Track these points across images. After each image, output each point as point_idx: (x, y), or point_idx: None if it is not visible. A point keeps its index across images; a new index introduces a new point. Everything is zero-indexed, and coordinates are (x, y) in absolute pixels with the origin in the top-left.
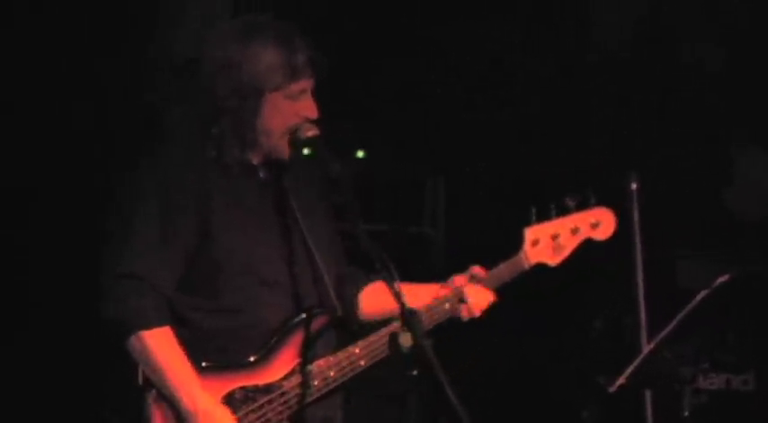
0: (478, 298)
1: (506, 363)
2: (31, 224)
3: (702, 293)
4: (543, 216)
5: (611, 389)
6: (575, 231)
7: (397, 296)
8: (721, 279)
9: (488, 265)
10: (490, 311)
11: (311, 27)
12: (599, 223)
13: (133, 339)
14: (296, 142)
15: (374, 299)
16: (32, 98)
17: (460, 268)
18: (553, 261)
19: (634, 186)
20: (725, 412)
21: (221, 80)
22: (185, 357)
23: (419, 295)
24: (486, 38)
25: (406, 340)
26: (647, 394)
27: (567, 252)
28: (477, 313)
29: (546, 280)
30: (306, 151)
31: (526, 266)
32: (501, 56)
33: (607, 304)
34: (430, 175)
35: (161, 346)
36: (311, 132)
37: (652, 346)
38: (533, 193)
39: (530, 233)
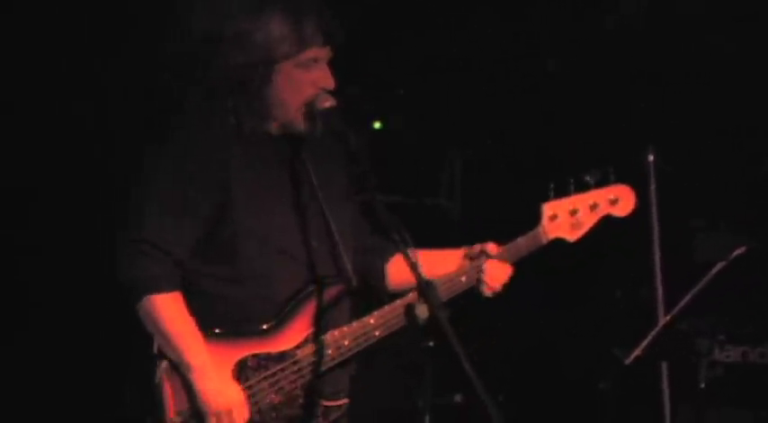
0: (497, 271)
1: (523, 336)
2: (31, 224)
3: (718, 266)
4: (562, 192)
5: (628, 361)
6: (593, 207)
7: (413, 267)
8: (737, 251)
9: (504, 237)
10: (508, 285)
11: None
12: (618, 200)
13: (143, 303)
14: (312, 113)
15: (401, 269)
16: (32, 98)
17: (476, 240)
18: (571, 236)
19: (651, 158)
20: (741, 384)
21: (233, 52)
22: (193, 323)
23: (445, 261)
24: (507, 12)
25: (422, 311)
26: (664, 366)
27: (585, 228)
28: (497, 286)
29: (564, 254)
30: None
31: (544, 241)
32: (519, 29)
33: (627, 275)
34: (447, 147)
35: (169, 311)
36: (328, 103)
37: (668, 318)
38: (549, 164)
39: (548, 208)
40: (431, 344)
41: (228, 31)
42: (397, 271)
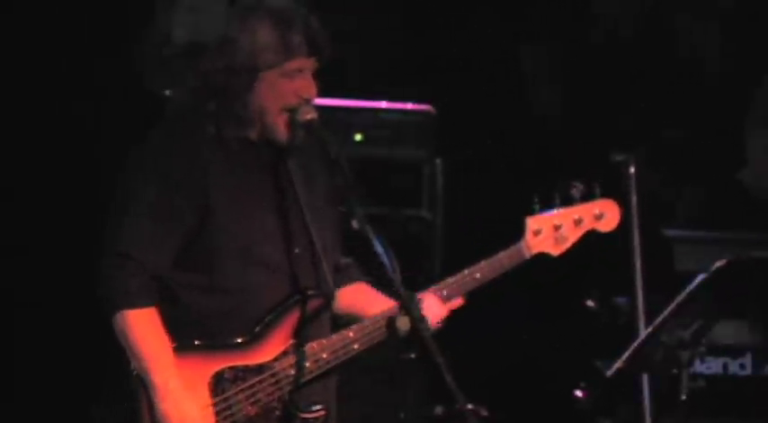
0: (433, 310)
1: (505, 348)
2: (31, 224)
3: (700, 278)
4: (546, 206)
5: (609, 373)
6: (578, 222)
7: (392, 281)
8: (718, 264)
9: (487, 249)
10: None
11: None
12: (603, 215)
13: (117, 317)
14: (294, 124)
15: (351, 297)
16: (32, 98)
17: (459, 252)
18: (555, 251)
19: (632, 170)
20: (722, 396)
21: (217, 57)
22: (165, 341)
23: (374, 304)
24: (490, 20)
25: (403, 323)
26: (645, 379)
27: (569, 243)
28: (434, 322)
29: (545, 267)
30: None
31: (527, 256)
32: (503, 37)
33: (598, 283)
34: (427, 157)
35: (141, 329)
36: (309, 116)
37: (650, 330)
38: (532, 175)
39: (532, 223)
40: (412, 356)
41: (217, 37)
42: (347, 297)
